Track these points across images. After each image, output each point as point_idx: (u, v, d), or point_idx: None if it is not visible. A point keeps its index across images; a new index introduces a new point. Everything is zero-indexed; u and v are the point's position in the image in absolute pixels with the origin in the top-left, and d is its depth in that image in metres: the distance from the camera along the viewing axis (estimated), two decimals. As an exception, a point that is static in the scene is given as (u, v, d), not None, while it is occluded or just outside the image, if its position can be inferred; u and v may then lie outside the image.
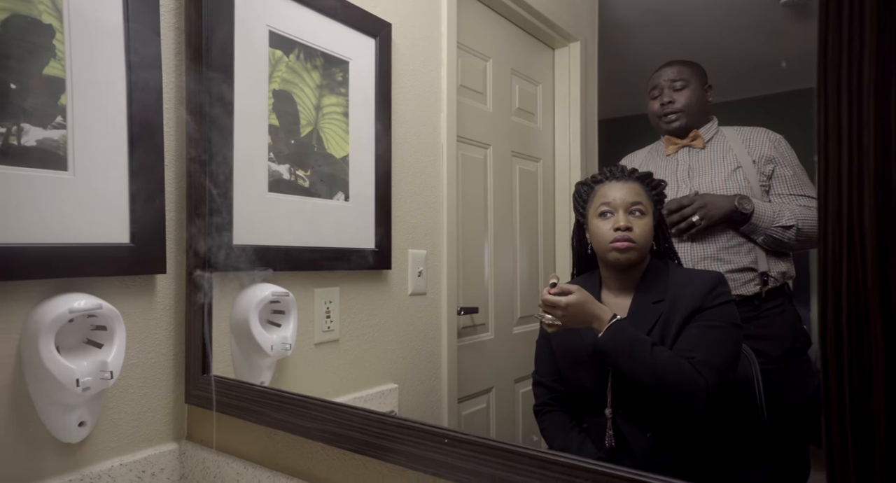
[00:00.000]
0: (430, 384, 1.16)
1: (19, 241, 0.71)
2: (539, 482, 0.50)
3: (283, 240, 1.00)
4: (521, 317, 1.26)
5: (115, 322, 0.77)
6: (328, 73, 1.05)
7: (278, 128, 0.99)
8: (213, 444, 0.81)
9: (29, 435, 0.72)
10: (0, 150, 0.70)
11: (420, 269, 1.17)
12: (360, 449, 0.65)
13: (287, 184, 1.00)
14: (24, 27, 0.72)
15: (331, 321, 1.03)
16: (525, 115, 1.29)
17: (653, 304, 0.69)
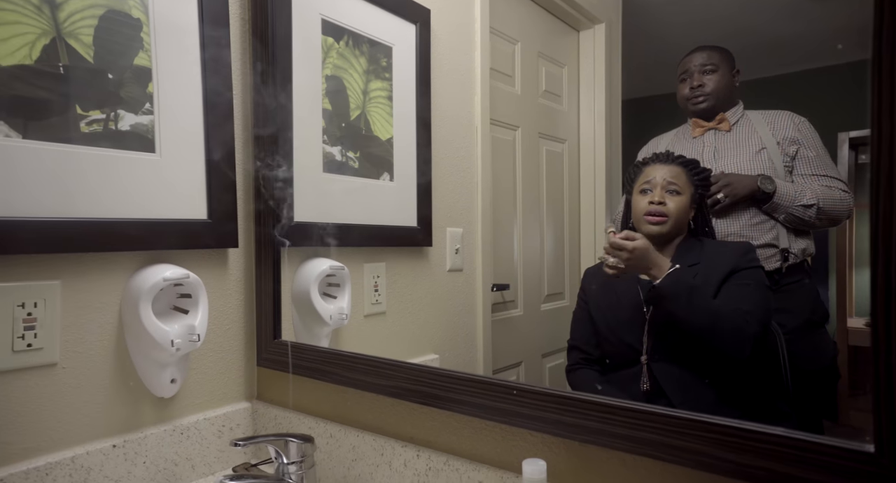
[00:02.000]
0: (468, 356, 1.26)
1: (118, 215, 0.81)
2: (601, 423, 0.61)
3: (336, 217, 1.09)
4: (548, 294, 1.35)
5: (199, 290, 0.87)
6: (374, 58, 1.14)
7: (331, 112, 1.08)
8: (290, 404, 0.92)
9: (130, 389, 0.83)
10: (101, 134, 0.79)
11: (457, 246, 1.26)
12: (430, 401, 0.75)
13: (339, 164, 1.09)
14: (118, 21, 0.81)
15: (378, 295, 1.13)
16: (551, 97, 1.36)
17: (689, 266, 0.78)
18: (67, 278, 0.77)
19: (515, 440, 0.69)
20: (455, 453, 0.74)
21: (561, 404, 0.63)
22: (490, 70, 1.28)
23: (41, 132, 0.74)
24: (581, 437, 0.62)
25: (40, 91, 0.73)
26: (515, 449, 0.69)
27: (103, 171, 0.79)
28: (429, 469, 0.74)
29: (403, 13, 1.16)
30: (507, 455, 0.69)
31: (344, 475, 0.84)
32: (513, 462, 0.69)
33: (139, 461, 0.82)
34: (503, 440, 0.70)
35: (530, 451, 0.67)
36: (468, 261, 1.26)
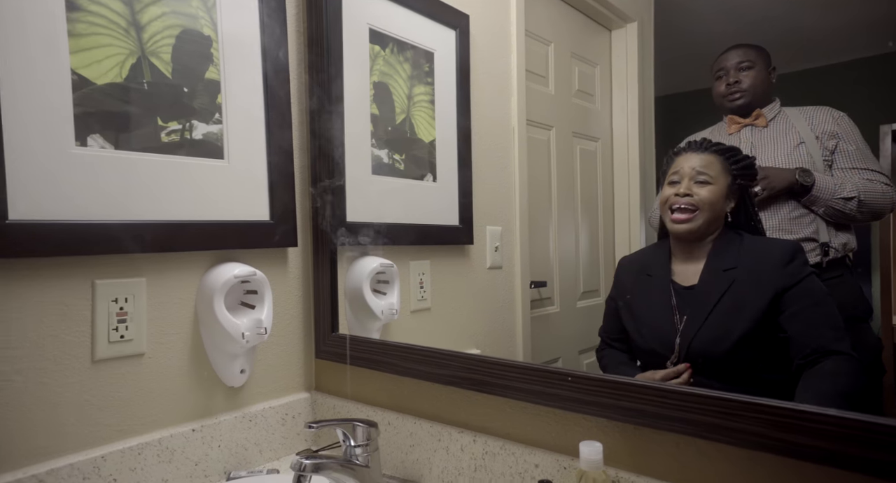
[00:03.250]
0: (508, 351, 1.31)
1: (193, 218, 0.89)
2: (655, 407, 0.66)
3: (383, 217, 1.16)
4: (584, 291, 1.39)
5: (264, 287, 0.95)
6: (417, 64, 1.20)
7: (378, 116, 1.15)
8: (348, 394, 1.00)
9: (204, 378, 0.91)
10: (178, 143, 0.88)
11: (496, 244, 1.32)
12: (485, 389, 0.81)
13: (386, 167, 1.16)
14: (192, 39, 0.89)
15: (424, 291, 1.20)
16: (584, 96, 1.40)
17: (724, 271, 0.75)
18: (151, 276, 0.85)
19: (570, 424, 0.74)
20: (510, 438, 0.80)
21: (616, 389, 0.69)
22: (525, 72, 1.34)
23: (129, 143, 0.82)
24: (635, 420, 0.67)
25: (128, 106, 0.82)
26: (570, 432, 0.74)
27: (180, 177, 0.88)
28: (485, 453, 0.80)
29: (444, 20, 1.23)
30: (561, 438, 0.75)
31: (402, 460, 0.90)
32: (568, 445, 0.74)
33: (214, 444, 0.90)
34: (558, 424, 0.75)
35: (585, 434, 0.72)
36: (507, 258, 1.32)
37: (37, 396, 0.74)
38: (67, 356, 0.77)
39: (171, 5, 0.86)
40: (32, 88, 0.72)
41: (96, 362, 0.79)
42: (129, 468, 0.80)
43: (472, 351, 1.24)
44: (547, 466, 0.74)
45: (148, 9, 0.84)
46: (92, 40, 0.78)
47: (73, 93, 0.76)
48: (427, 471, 0.87)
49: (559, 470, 0.73)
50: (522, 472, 0.76)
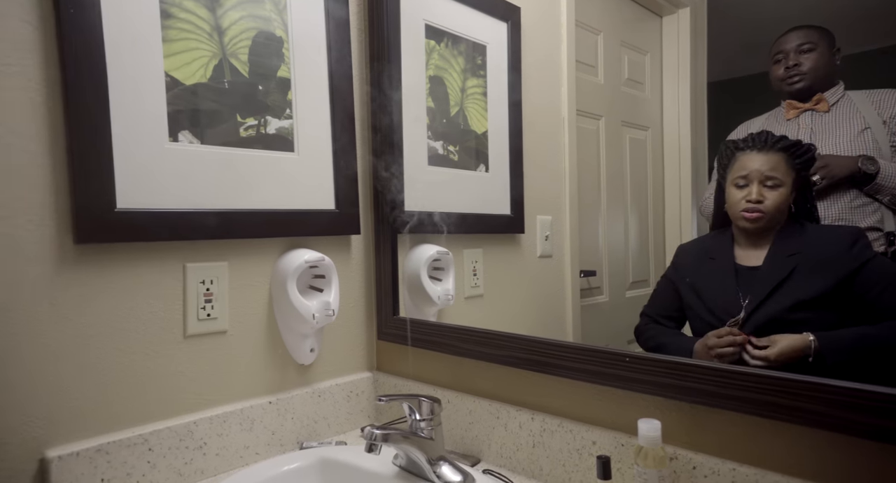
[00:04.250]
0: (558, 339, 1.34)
1: (267, 206, 0.96)
2: (714, 387, 0.68)
3: (439, 206, 1.21)
4: (633, 281, 1.40)
5: (331, 271, 1.02)
6: (470, 57, 1.24)
7: (433, 109, 1.20)
8: (409, 373, 1.06)
9: (278, 355, 0.99)
10: (254, 138, 0.95)
11: (547, 233, 1.35)
12: (544, 369, 0.85)
13: (441, 158, 1.21)
14: (266, 41, 0.96)
15: (477, 278, 1.24)
16: (634, 84, 1.41)
17: (787, 256, 0.76)
18: (232, 260, 0.93)
19: (627, 403, 0.77)
20: (568, 416, 0.84)
21: (674, 369, 0.71)
22: (575, 62, 1.35)
23: (213, 138, 0.90)
24: (693, 399, 0.70)
25: (212, 104, 0.90)
26: (627, 411, 0.77)
27: (256, 169, 0.95)
28: (543, 430, 0.85)
29: (496, 13, 1.26)
30: (619, 417, 0.78)
31: (462, 436, 0.96)
32: (625, 423, 0.77)
33: (288, 416, 0.98)
34: (614, 403, 0.79)
35: (642, 412, 0.76)
36: (557, 247, 1.35)
37: (143, 367, 0.83)
38: (165, 331, 0.86)
39: (248, 9, 0.93)
40: (134, 91, 0.81)
41: (188, 338, 0.88)
42: (216, 434, 0.88)
43: (524, 337, 1.28)
44: (604, 443, 0.78)
45: (228, 13, 0.91)
46: (181, 45, 0.86)
47: (167, 93, 0.84)
48: (486, 447, 0.92)
49: (616, 447, 0.76)
50: (580, 448, 0.80)
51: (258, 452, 0.93)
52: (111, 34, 0.78)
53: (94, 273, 0.79)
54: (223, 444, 0.89)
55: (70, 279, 0.77)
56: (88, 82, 0.75)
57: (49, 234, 0.75)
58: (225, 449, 0.89)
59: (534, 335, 0.89)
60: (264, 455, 0.94)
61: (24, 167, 0.73)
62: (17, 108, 0.73)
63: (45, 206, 0.75)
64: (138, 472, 0.80)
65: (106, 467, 0.77)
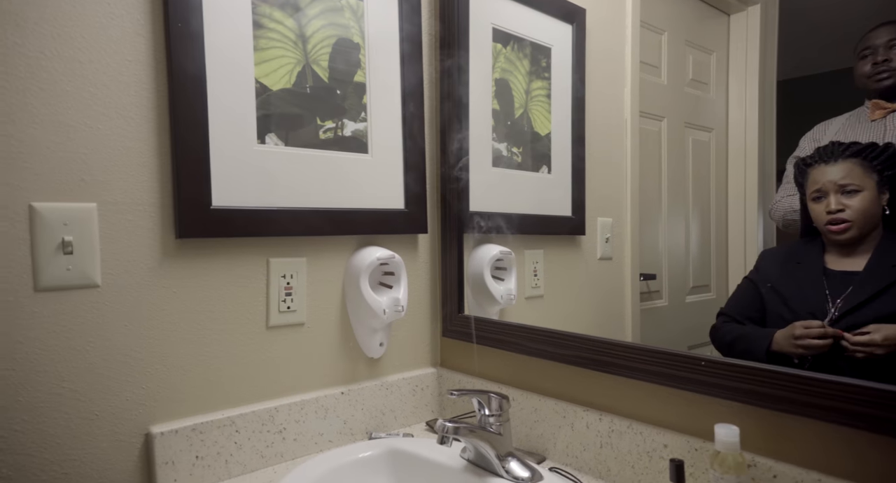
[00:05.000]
0: (617, 341, 1.32)
1: (343, 205, 1.01)
2: (797, 394, 0.67)
3: (502, 207, 1.23)
4: (693, 286, 1.37)
5: (400, 269, 1.05)
6: (535, 60, 1.25)
7: (499, 111, 1.21)
8: (475, 370, 1.08)
9: (350, 348, 1.04)
10: (332, 140, 0.99)
11: (607, 235, 1.34)
12: (613, 370, 0.86)
13: (505, 159, 1.22)
14: (345, 47, 1.00)
15: (537, 279, 1.25)
16: (698, 85, 1.37)
17: (892, 266, 0.72)
18: (310, 256, 0.98)
19: (701, 407, 0.77)
20: (637, 418, 0.83)
21: (754, 375, 0.70)
22: (639, 62, 1.33)
23: (295, 140, 0.95)
24: (775, 406, 0.69)
25: (295, 108, 0.95)
26: (702, 415, 0.77)
27: (333, 170, 0.99)
28: (611, 431, 0.85)
29: (562, 15, 1.27)
30: (693, 421, 0.78)
31: (527, 434, 0.97)
32: (699, 427, 0.77)
33: (359, 407, 1.02)
34: (688, 407, 0.78)
35: (718, 417, 0.75)
36: (617, 250, 1.33)
37: (230, 355, 0.89)
38: (249, 322, 0.91)
39: (329, 18, 0.98)
40: (229, 97, 0.86)
41: (270, 328, 0.93)
42: (294, 420, 0.93)
43: (583, 339, 1.28)
44: (676, 447, 0.77)
45: (311, 22, 0.96)
46: (270, 53, 0.91)
47: (256, 98, 0.89)
48: (552, 445, 0.93)
49: (689, 451, 0.76)
50: (650, 450, 0.80)
51: (331, 440, 0.97)
52: (211, 45, 0.84)
53: (190, 265, 0.85)
54: (300, 430, 0.94)
55: (171, 270, 0.83)
56: (191, 91, 0.81)
57: (156, 229, 0.82)
58: (302, 435, 0.94)
59: (602, 336, 0.90)
60: (337, 443, 0.98)
61: (139, 168, 0.80)
62: (134, 116, 0.79)
63: (154, 204, 0.81)
64: (227, 451, 0.86)
65: (200, 445, 0.83)
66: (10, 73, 0.71)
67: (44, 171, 0.73)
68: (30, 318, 0.72)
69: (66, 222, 0.75)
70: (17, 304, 0.72)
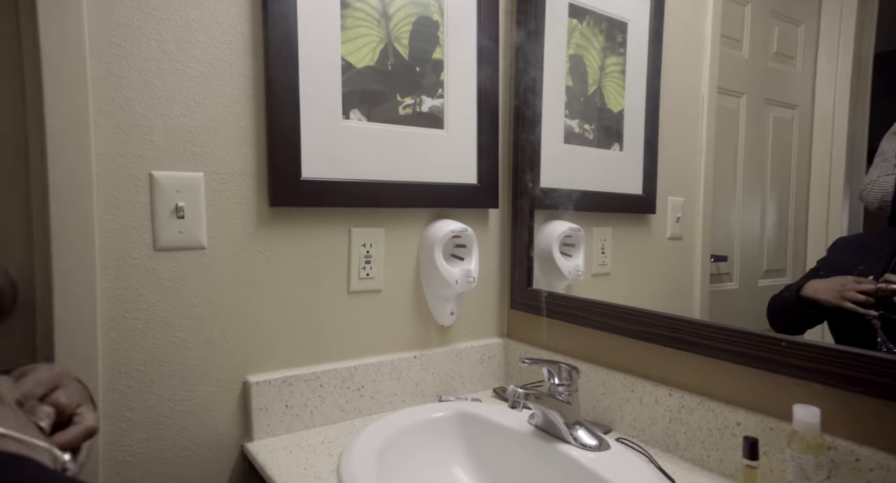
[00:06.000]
0: (684, 322, 1.30)
1: (419, 179, 1.04)
2: (879, 377, 0.65)
3: (571, 184, 1.22)
4: (767, 270, 1.32)
5: (472, 242, 1.08)
6: (611, 35, 1.22)
7: (572, 88, 1.20)
8: (543, 342, 1.10)
9: (422, 316, 1.08)
10: (411, 116, 1.02)
11: (678, 215, 1.30)
12: (685, 347, 0.85)
13: (576, 136, 1.21)
14: (424, 25, 1.02)
15: (605, 256, 1.24)
16: (783, 59, 1.29)
17: None
18: (387, 227, 1.03)
19: (778, 387, 0.75)
20: (709, 395, 0.83)
21: (838, 358, 0.68)
22: (720, 36, 1.27)
23: (377, 116, 0.98)
24: (856, 388, 0.67)
25: (377, 85, 0.98)
26: (779, 395, 0.75)
27: (411, 145, 1.03)
28: (682, 407, 0.85)
29: (640, -12, 1.22)
30: (769, 400, 0.76)
31: (594, 406, 0.98)
32: (775, 407, 0.76)
33: (430, 371, 1.06)
34: (764, 386, 0.77)
35: (796, 398, 0.73)
36: (688, 230, 1.30)
37: (315, 316, 0.96)
38: (333, 287, 0.97)
39: (411, -4, 1.00)
40: (318, 74, 0.91)
41: (350, 293, 0.99)
42: (371, 379, 0.99)
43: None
44: (750, 425, 0.77)
45: (394, 1, 0.98)
46: (355, 32, 0.94)
47: (342, 75, 0.94)
48: (618, 418, 0.94)
49: (764, 430, 0.75)
50: (722, 427, 0.80)
51: (404, 400, 1.03)
52: (303, 24, 0.88)
53: (281, 232, 0.92)
54: (377, 389, 1.00)
55: (265, 235, 0.90)
56: (285, 68, 0.86)
57: (253, 197, 0.88)
58: (378, 393, 1.00)
59: (676, 313, 0.89)
60: (409, 403, 1.03)
61: (240, 141, 0.86)
62: (234, 93, 0.85)
63: (251, 174, 0.88)
64: (312, 403, 0.93)
65: (289, 396, 0.91)
66: (136, 54, 0.78)
67: (161, 143, 0.81)
68: (150, 274, 0.81)
69: (179, 189, 0.82)
70: (140, 261, 0.80)
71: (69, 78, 0.73)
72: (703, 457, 0.82)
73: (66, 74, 0.73)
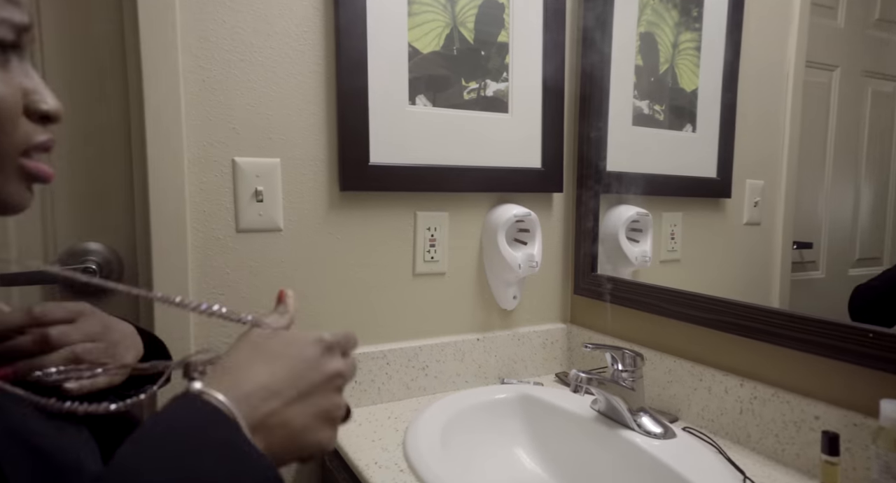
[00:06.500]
0: (760, 312, 1.24)
1: (482, 164, 1.05)
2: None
3: (639, 167, 1.19)
4: (859, 258, 1.22)
5: (535, 226, 1.08)
6: (685, 9, 1.17)
7: (641, 67, 1.16)
8: (607, 328, 1.10)
9: (485, 299, 1.10)
10: (475, 100, 1.04)
11: (757, 199, 1.24)
12: (759, 336, 0.82)
13: (646, 118, 1.18)
14: (490, 8, 1.03)
15: (675, 242, 1.20)
16: (887, 26, 1.18)
17: None
18: (451, 211, 1.05)
19: (865, 381, 0.72)
20: (785, 387, 0.80)
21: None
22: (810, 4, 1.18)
23: (442, 101, 1.00)
24: (959, 384, 0.62)
25: (442, 70, 1.00)
26: (865, 389, 0.71)
27: (475, 129, 1.04)
28: (754, 398, 0.82)
29: (719, -44, 1.16)
30: (852, 394, 0.73)
31: (659, 394, 0.97)
32: (859, 402, 0.72)
33: (492, 354, 1.09)
34: (849, 380, 0.73)
35: (884, 393, 0.69)
36: (767, 215, 1.23)
37: (382, 296, 1.00)
38: (399, 269, 1.01)
39: (476, -21, 1.00)
40: (386, 61, 0.94)
41: (416, 276, 1.03)
42: (435, 359, 1.03)
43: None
44: (830, 419, 0.73)
45: (460, -15, 0.99)
46: (422, 18, 0.96)
47: (409, 61, 0.96)
48: (685, 406, 0.92)
49: (846, 425, 0.72)
50: (798, 421, 0.77)
51: (467, 381, 1.06)
52: (372, 13, 0.91)
53: (351, 215, 0.96)
54: (440, 369, 1.03)
55: (335, 219, 0.95)
56: (355, 58, 0.90)
57: (324, 182, 0.93)
58: (442, 373, 1.04)
59: (750, 301, 0.86)
60: (472, 384, 1.07)
61: (312, 128, 0.91)
62: (308, 81, 0.90)
63: (323, 160, 0.93)
64: (379, 380, 0.98)
65: (357, 372, 0.96)
66: (221, 47, 0.84)
67: (243, 130, 0.87)
68: (232, 253, 0.88)
69: (258, 174, 0.88)
70: (225, 241, 0.87)
71: (165, 72, 0.80)
72: (777, 450, 0.79)
73: (163, 69, 0.80)
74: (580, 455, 0.88)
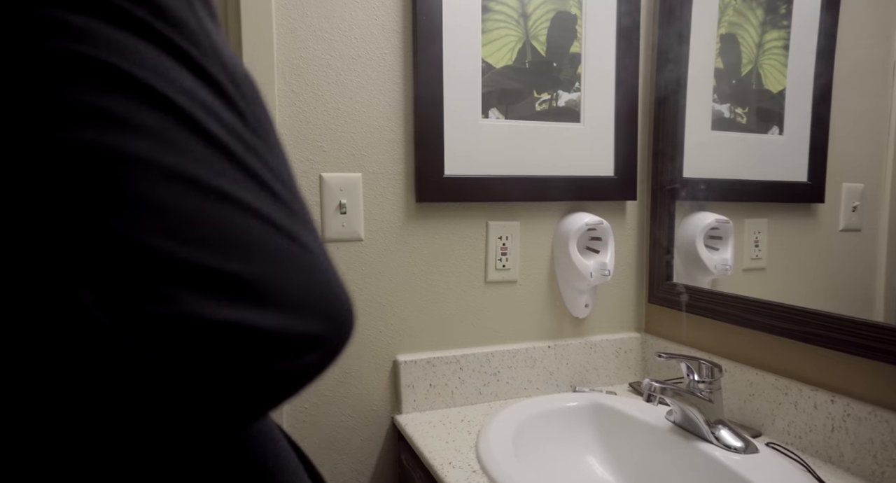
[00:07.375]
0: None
1: (554, 173, 1.08)
2: None
3: (720, 173, 1.17)
4: None
5: (608, 234, 1.10)
6: (772, 7, 1.13)
7: (721, 70, 1.14)
8: (683, 338, 1.09)
9: (556, 307, 1.13)
10: (547, 111, 1.07)
11: (855, 203, 1.17)
12: (854, 351, 0.79)
13: (726, 121, 1.15)
14: (562, 20, 1.06)
15: (759, 250, 1.16)
16: None
17: None
18: (523, 220, 1.09)
19: (975, 402, 0.68)
20: (885, 406, 0.76)
21: None
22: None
23: (514, 113, 1.05)
24: None
25: (514, 83, 1.04)
26: (974, 411, 0.67)
27: (547, 140, 1.07)
28: (847, 415, 0.79)
29: (809, -52, 1.12)
30: (960, 416, 0.69)
31: (740, 407, 0.95)
32: (968, 424, 0.68)
33: (564, 361, 1.11)
34: (955, 401, 0.69)
35: None
36: (868, 220, 1.16)
37: (456, 303, 1.06)
38: (471, 277, 1.06)
39: (548, -8, 1.04)
40: (460, 77, 1.00)
41: (488, 283, 1.07)
42: (507, 366, 1.07)
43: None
44: (934, 442, 0.70)
45: (532, 0, 1.03)
46: (495, 33, 1.01)
47: (482, 76, 1.01)
48: (769, 422, 0.90)
49: (953, 449, 0.68)
50: (897, 442, 0.73)
51: (538, 388, 1.09)
52: (447, 32, 0.97)
53: (426, 226, 1.03)
54: (512, 375, 1.07)
55: (412, 229, 1.02)
56: (431, 77, 0.96)
57: (402, 194, 1.00)
58: (513, 379, 1.07)
59: (846, 313, 0.83)
60: (543, 391, 1.09)
61: (391, 143, 0.99)
62: (387, 100, 0.98)
63: (400, 173, 1.00)
64: (452, 384, 1.03)
65: (432, 376, 1.02)
66: (309, 72, 0.93)
67: (328, 147, 0.96)
68: (320, 261, 0.97)
69: (342, 188, 0.97)
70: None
71: (264, 95, 0.90)
72: (876, 472, 0.76)
73: (263, 93, 0.90)
74: (654, 466, 0.89)
